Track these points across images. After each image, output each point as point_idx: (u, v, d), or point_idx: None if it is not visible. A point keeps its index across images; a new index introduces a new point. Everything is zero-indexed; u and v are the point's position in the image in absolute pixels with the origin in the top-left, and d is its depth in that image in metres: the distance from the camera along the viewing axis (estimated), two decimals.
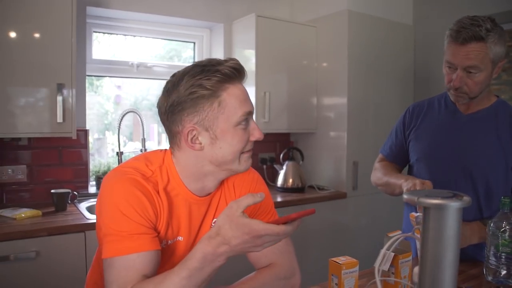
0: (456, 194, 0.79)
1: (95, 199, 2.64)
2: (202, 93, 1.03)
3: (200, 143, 1.06)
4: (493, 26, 1.41)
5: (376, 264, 1.07)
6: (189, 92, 1.03)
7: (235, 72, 1.06)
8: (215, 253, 0.91)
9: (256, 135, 1.09)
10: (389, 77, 3.26)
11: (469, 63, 1.43)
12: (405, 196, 0.81)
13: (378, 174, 1.81)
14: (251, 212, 1.25)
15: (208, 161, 1.09)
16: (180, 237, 1.15)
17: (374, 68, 3.16)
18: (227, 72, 1.04)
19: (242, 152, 1.09)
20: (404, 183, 1.52)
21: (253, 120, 1.11)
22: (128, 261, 1.00)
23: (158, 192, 1.09)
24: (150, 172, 1.10)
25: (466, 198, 0.78)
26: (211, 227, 1.12)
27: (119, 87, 3.20)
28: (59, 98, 2.31)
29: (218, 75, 1.03)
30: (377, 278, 0.93)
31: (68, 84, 2.34)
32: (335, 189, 3.14)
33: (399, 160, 1.84)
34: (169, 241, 1.13)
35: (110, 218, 1.02)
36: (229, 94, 1.05)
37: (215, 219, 1.19)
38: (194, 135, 1.06)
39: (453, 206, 0.77)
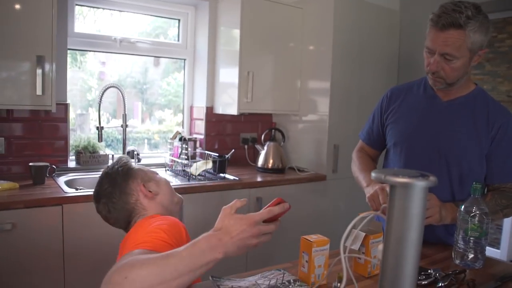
0: (423, 174, 0.81)
1: (74, 173, 2.68)
2: None
3: None
4: (475, 13, 1.38)
5: (342, 241, 1.08)
6: None
7: None
8: (218, 243, 0.97)
9: None
10: (373, 62, 3.26)
11: (446, 50, 1.42)
12: (373, 174, 0.82)
13: (354, 167, 1.83)
14: None
15: None
16: None
17: (359, 53, 3.16)
18: None
19: None
20: (366, 189, 1.58)
21: None
22: None
23: None
24: None
25: (432, 178, 0.80)
26: None
27: (103, 63, 3.15)
28: (39, 71, 2.27)
29: None
30: (342, 255, 0.95)
31: (48, 56, 2.31)
32: (315, 171, 3.16)
33: (376, 145, 1.85)
34: None
35: None
36: None
37: None
38: None
39: (419, 185, 0.79)
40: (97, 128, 2.72)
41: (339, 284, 0.93)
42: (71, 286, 2.16)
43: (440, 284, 1.22)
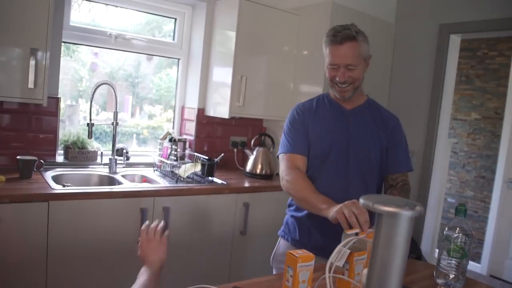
0: (409, 203, 0.83)
1: (62, 169, 2.67)
2: None
3: None
4: (357, 29, 1.77)
5: (330, 260, 1.10)
6: None
7: None
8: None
9: None
10: (366, 73, 3.25)
11: (348, 61, 1.73)
12: (361, 201, 0.84)
13: (298, 188, 1.77)
14: None
15: None
16: None
17: None
18: None
19: None
20: (328, 210, 1.53)
21: None
22: None
23: None
24: None
25: (418, 208, 0.82)
26: None
27: (96, 54, 3.14)
28: (32, 63, 2.26)
29: None
30: (327, 274, 0.97)
31: (42, 49, 2.30)
32: None
33: (307, 151, 1.85)
34: None
35: None
36: None
37: None
38: None
39: (405, 215, 0.81)
40: (88, 124, 2.68)
41: None
42: (53, 281, 2.16)
43: None
